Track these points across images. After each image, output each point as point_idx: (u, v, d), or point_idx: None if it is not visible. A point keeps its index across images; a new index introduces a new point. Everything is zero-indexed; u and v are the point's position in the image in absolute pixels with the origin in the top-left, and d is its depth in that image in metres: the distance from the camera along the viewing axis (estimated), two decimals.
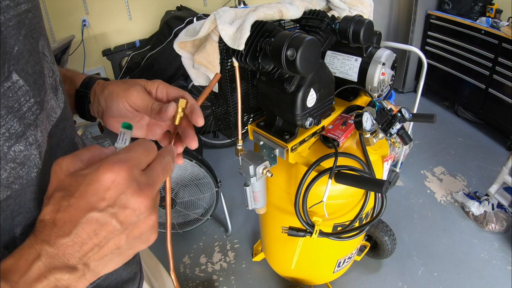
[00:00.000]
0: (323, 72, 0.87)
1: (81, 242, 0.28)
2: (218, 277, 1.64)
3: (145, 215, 0.30)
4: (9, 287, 0.26)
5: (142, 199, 0.29)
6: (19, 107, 0.30)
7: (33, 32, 0.33)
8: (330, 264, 1.30)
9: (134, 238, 0.30)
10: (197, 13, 2.45)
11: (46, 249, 0.27)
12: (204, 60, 0.85)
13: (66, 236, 0.27)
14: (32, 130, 0.31)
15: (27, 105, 0.31)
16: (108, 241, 0.29)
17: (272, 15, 0.85)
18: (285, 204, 1.06)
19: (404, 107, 0.95)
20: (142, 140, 0.33)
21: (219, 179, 1.65)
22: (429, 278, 1.57)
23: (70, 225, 0.27)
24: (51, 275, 0.27)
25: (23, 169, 0.31)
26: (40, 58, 0.34)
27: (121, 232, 0.29)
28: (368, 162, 0.94)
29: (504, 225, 1.75)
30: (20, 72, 0.30)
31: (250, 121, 1.03)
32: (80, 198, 0.28)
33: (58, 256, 0.27)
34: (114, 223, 0.28)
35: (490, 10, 2.53)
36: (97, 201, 0.28)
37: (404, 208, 1.97)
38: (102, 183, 0.28)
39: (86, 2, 2.49)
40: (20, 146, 0.30)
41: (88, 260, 0.28)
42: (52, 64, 0.38)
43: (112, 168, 0.28)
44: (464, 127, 2.70)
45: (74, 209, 0.27)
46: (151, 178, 0.31)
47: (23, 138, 0.30)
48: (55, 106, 0.38)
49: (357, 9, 1.03)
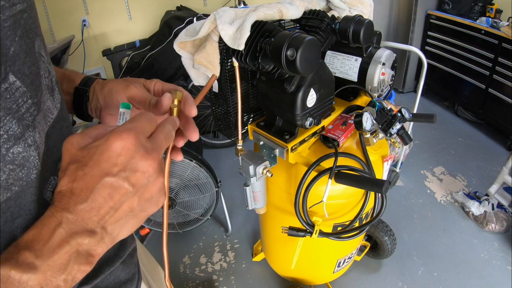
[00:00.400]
0: (323, 72, 0.87)
1: (98, 206, 0.29)
2: (218, 277, 1.64)
3: (154, 177, 0.32)
4: (33, 255, 0.27)
5: (150, 161, 0.31)
6: (17, 109, 0.30)
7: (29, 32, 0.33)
8: (330, 264, 1.30)
9: (145, 200, 0.32)
10: (197, 13, 2.45)
11: (66, 216, 0.29)
12: (204, 60, 0.85)
13: (84, 202, 0.29)
14: (30, 131, 0.31)
15: (25, 106, 0.31)
16: (122, 203, 0.31)
17: (272, 15, 0.85)
18: (285, 204, 1.06)
19: (404, 107, 0.95)
20: (144, 112, 0.35)
21: (219, 179, 1.65)
22: (429, 278, 1.57)
23: (86, 191, 0.29)
24: (73, 239, 0.29)
25: (22, 171, 0.31)
26: (36, 59, 0.34)
27: (134, 194, 0.31)
28: (368, 162, 0.94)
29: (504, 225, 1.75)
30: (17, 74, 0.30)
31: (250, 121, 1.03)
32: (93, 166, 0.29)
33: (78, 222, 0.29)
34: (126, 185, 0.30)
35: (490, 10, 2.53)
36: (110, 167, 0.30)
37: (404, 208, 1.97)
38: (113, 150, 0.30)
39: (86, 2, 2.49)
40: (19, 147, 0.30)
41: (105, 223, 0.30)
42: (48, 65, 0.38)
43: (121, 135, 0.30)
44: (464, 127, 2.70)
45: (89, 177, 0.29)
46: (155, 143, 0.33)
47: (22, 140, 0.30)
48: (51, 106, 0.38)
49: (357, 9, 1.03)
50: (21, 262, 0.27)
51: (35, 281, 0.27)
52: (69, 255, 0.29)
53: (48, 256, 0.28)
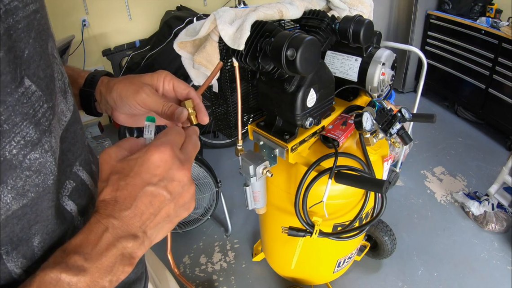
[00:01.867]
0: (323, 72, 0.87)
1: (141, 212, 0.32)
2: (218, 277, 1.64)
3: (188, 185, 0.35)
4: (82, 259, 0.29)
5: (185, 171, 0.35)
6: (34, 114, 0.29)
7: (42, 33, 0.32)
8: (330, 264, 1.30)
9: (180, 206, 0.35)
10: (197, 13, 2.45)
11: (112, 222, 0.31)
12: (204, 60, 0.85)
13: (128, 209, 0.32)
14: (47, 136, 0.31)
15: (41, 110, 0.31)
16: (161, 209, 0.34)
17: (272, 15, 0.85)
18: (285, 204, 1.06)
19: (404, 107, 0.95)
20: (172, 126, 0.38)
21: (219, 179, 1.65)
22: (429, 278, 1.57)
23: (130, 199, 0.32)
24: (119, 243, 0.31)
25: (39, 177, 0.31)
26: (50, 61, 0.34)
27: (171, 201, 0.34)
28: (368, 162, 0.94)
29: (504, 225, 1.75)
30: (32, 77, 0.30)
31: (250, 121, 1.03)
32: (135, 176, 0.32)
33: (123, 227, 0.32)
34: (165, 193, 0.33)
35: (490, 10, 2.53)
36: (150, 177, 0.33)
37: (404, 208, 1.97)
38: (152, 162, 0.33)
39: (86, 2, 2.49)
40: (36, 153, 0.30)
41: (146, 228, 0.33)
42: (61, 66, 0.38)
43: (159, 149, 0.33)
44: (464, 127, 2.70)
45: (132, 186, 0.32)
46: (187, 154, 0.36)
47: (39, 145, 0.30)
48: (65, 109, 0.38)
49: (357, 9, 1.03)
50: (71, 265, 0.29)
51: (84, 283, 0.29)
52: (115, 257, 0.31)
53: (97, 259, 0.30)
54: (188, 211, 0.37)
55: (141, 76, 0.46)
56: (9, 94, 0.26)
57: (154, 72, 0.47)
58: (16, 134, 0.27)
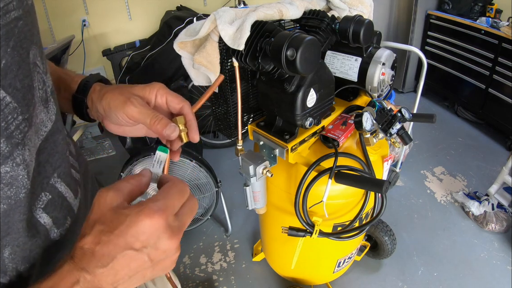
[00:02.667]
0: (323, 72, 0.87)
1: (115, 272, 0.31)
2: (218, 277, 1.64)
3: (172, 253, 0.34)
4: None
5: (174, 241, 0.33)
6: (6, 126, 0.29)
7: (23, 42, 0.32)
8: (330, 264, 1.30)
9: (158, 270, 0.34)
10: (197, 13, 2.45)
11: (84, 276, 0.31)
12: (204, 60, 0.85)
13: (104, 267, 0.31)
14: (19, 150, 0.31)
15: (15, 123, 0.30)
16: (137, 272, 0.33)
17: (272, 15, 0.85)
18: (285, 204, 1.06)
19: (404, 107, 0.94)
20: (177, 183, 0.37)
21: (219, 179, 1.65)
22: (429, 278, 1.57)
23: (107, 258, 0.31)
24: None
25: (10, 189, 0.31)
26: (30, 70, 0.33)
27: (150, 266, 0.33)
28: (368, 162, 0.94)
29: (504, 225, 1.75)
30: (7, 88, 0.29)
31: (250, 121, 1.03)
32: (119, 236, 0.31)
33: (94, 282, 0.31)
34: (146, 259, 0.32)
35: (490, 10, 2.53)
36: (134, 241, 0.31)
37: (404, 208, 1.97)
38: (140, 228, 0.31)
39: (86, 2, 2.49)
40: (7, 167, 0.30)
41: (117, 285, 0.32)
42: (44, 75, 0.37)
43: (152, 216, 0.31)
44: (464, 127, 2.70)
45: (113, 245, 0.31)
46: (182, 222, 0.34)
47: (10, 159, 0.30)
48: (45, 119, 0.37)
49: (357, 9, 1.03)
50: None
51: None
52: None
53: None
54: (165, 272, 0.36)
55: (133, 87, 0.45)
56: None
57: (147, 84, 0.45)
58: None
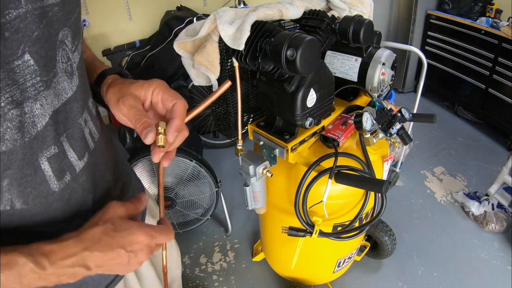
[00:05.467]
0: (323, 72, 0.87)
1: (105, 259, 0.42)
2: (218, 277, 1.64)
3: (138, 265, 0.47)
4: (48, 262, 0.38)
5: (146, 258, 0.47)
6: (23, 82, 0.37)
7: (55, 23, 0.40)
8: (330, 264, 1.30)
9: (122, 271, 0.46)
10: (197, 13, 2.45)
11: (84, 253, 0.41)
12: (204, 60, 0.85)
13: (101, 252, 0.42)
14: (30, 102, 0.38)
15: (32, 81, 0.38)
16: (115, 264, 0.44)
17: (272, 15, 0.85)
18: (285, 204, 1.06)
19: (404, 107, 0.95)
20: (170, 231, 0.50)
21: (219, 179, 1.65)
22: (429, 278, 1.57)
23: (106, 247, 0.42)
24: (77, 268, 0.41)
25: (18, 133, 0.38)
26: (56, 46, 0.41)
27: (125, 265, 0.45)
28: (368, 162, 0.94)
29: (504, 225, 1.75)
30: (33, 54, 0.37)
31: (250, 121, 1.03)
32: (121, 237, 0.43)
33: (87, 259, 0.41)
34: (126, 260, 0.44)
35: (490, 10, 2.53)
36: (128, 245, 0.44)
37: (404, 208, 1.97)
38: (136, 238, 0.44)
39: (86, 2, 2.49)
40: (17, 111, 0.37)
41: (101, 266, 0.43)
42: (71, 53, 0.44)
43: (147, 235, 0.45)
44: (464, 127, 2.70)
45: (114, 241, 0.43)
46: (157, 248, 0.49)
47: (20, 107, 0.37)
48: (67, 88, 0.44)
49: (357, 9, 1.03)
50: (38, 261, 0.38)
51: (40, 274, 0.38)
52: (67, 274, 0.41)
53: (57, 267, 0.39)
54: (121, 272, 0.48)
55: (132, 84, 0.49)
56: (7, 64, 0.34)
57: (146, 81, 0.48)
58: (6, 92, 0.35)
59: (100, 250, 0.41)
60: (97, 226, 0.43)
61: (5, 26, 0.33)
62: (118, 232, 0.43)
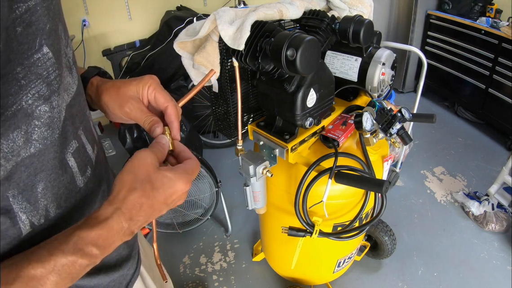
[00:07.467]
0: (323, 72, 0.87)
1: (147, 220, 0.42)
2: (218, 277, 1.64)
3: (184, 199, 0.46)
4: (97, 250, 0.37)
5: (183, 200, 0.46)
6: (47, 75, 0.36)
7: (56, 16, 0.39)
8: (330, 264, 1.30)
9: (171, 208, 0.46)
10: (197, 13, 2.45)
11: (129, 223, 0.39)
12: (204, 60, 0.85)
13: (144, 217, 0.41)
14: (55, 96, 0.38)
15: (54, 74, 0.37)
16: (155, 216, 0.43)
17: (272, 15, 0.85)
18: (285, 204, 1.06)
19: (404, 107, 0.94)
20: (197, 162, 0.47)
21: (219, 179, 1.65)
22: (429, 278, 1.57)
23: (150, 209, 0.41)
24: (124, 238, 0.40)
25: (48, 130, 0.37)
26: (59, 39, 0.40)
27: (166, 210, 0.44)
28: (368, 162, 0.94)
29: (504, 225, 1.75)
30: (50, 46, 0.37)
31: (250, 121, 1.03)
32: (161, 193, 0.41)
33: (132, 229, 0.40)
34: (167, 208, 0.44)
35: (490, 10, 2.53)
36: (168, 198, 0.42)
37: (404, 208, 1.97)
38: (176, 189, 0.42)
39: (86, 2, 2.49)
40: (46, 106, 0.36)
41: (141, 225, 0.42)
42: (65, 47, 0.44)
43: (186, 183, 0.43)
44: (464, 127, 2.70)
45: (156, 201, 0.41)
46: None
47: (48, 101, 0.36)
48: (71, 82, 0.44)
49: (357, 9, 1.03)
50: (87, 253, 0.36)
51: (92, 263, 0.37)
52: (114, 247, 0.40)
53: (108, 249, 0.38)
54: None
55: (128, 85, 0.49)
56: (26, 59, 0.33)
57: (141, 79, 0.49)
58: (31, 89, 0.34)
59: (144, 215, 0.40)
60: (135, 191, 0.39)
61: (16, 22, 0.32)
62: (158, 189, 0.41)
